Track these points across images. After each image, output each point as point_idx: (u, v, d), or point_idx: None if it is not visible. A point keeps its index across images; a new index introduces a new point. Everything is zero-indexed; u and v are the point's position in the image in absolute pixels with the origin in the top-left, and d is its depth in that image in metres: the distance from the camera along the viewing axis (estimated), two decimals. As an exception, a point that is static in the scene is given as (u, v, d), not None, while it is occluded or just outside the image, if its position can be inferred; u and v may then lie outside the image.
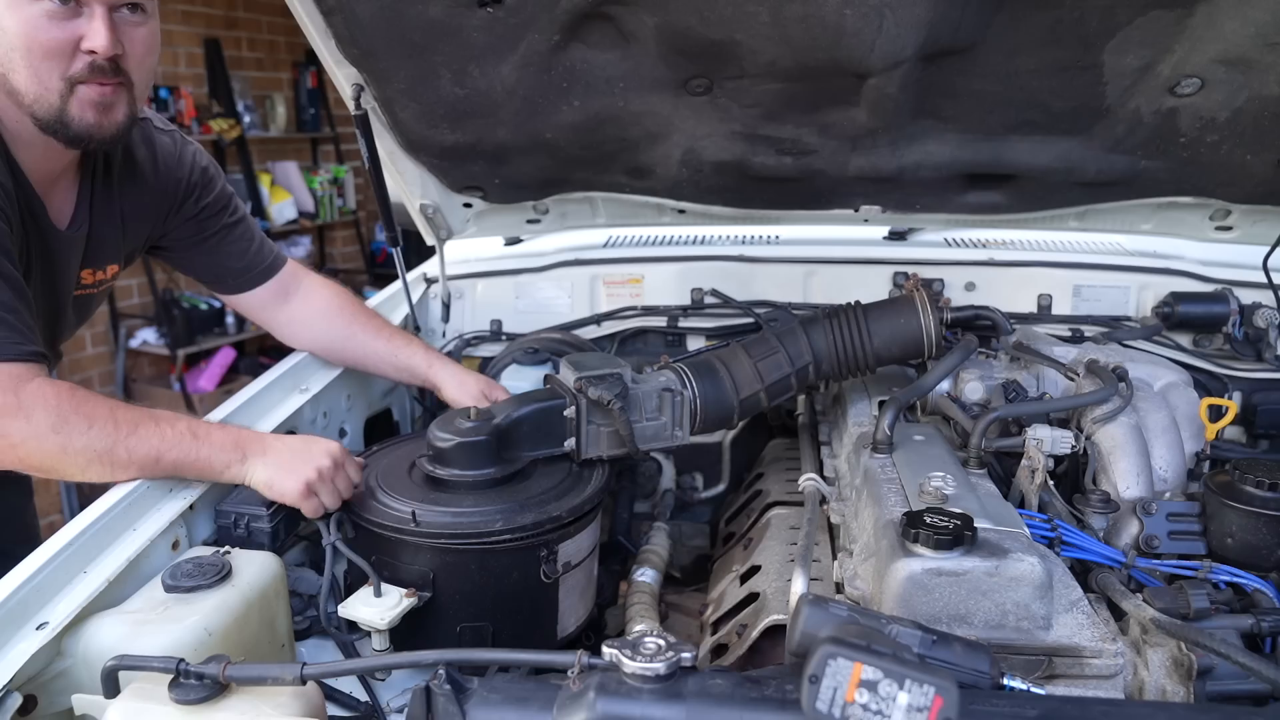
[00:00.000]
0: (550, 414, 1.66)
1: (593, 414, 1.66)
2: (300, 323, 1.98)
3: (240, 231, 1.89)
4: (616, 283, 2.40)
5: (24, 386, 1.35)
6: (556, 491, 1.60)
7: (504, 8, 1.58)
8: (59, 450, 1.36)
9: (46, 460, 1.37)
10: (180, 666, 1.00)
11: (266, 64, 6.41)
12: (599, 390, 1.62)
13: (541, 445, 1.67)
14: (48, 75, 1.42)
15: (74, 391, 1.39)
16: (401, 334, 2.03)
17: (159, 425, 1.43)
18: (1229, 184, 2.08)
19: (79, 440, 1.36)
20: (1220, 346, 2.16)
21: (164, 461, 1.43)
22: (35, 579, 1.21)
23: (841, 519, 1.56)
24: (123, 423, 1.39)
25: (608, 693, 0.87)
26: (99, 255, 1.71)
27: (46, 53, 1.40)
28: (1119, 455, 1.53)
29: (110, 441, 1.38)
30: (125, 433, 1.39)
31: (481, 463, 1.59)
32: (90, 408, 1.38)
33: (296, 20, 1.70)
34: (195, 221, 1.82)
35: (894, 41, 1.59)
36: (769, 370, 1.76)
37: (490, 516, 1.50)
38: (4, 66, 1.42)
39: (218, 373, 5.70)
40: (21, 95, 1.43)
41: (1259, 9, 1.52)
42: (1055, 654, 1.15)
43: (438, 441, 1.60)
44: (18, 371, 1.36)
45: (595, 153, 2.08)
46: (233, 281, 1.91)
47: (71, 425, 1.35)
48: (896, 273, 2.33)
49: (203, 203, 1.82)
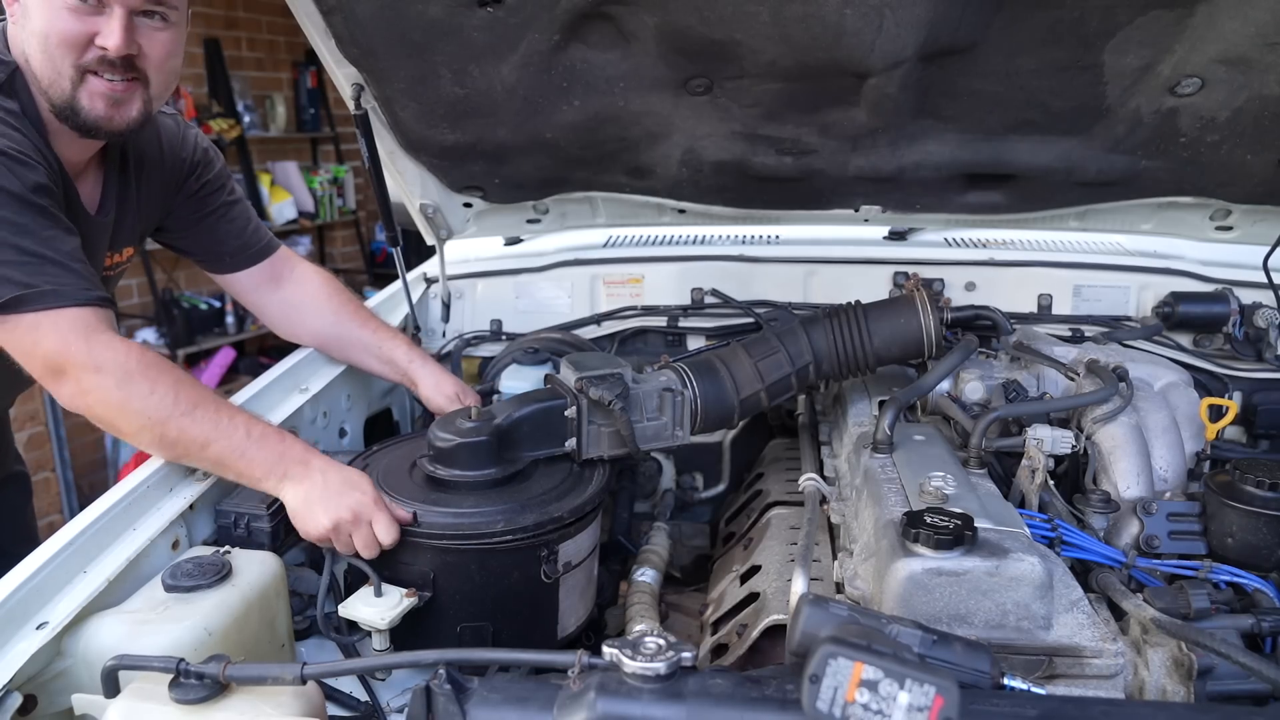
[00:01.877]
0: (551, 414, 1.66)
1: (593, 414, 1.66)
2: (292, 306, 2.00)
3: (238, 211, 1.93)
4: (616, 283, 2.40)
5: (96, 336, 1.39)
6: (557, 492, 1.60)
7: (504, 7, 1.58)
8: (120, 405, 1.40)
9: (108, 413, 1.41)
10: (180, 666, 1.00)
11: (266, 64, 6.40)
12: (600, 390, 1.62)
13: (542, 445, 1.66)
14: (61, 61, 1.49)
15: (144, 353, 1.43)
16: (387, 327, 2.05)
17: (217, 412, 1.45)
18: (1229, 184, 2.08)
19: (138, 402, 1.40)
20: (1220, 346, 2.15)
21: (209, 450, 1.44)
22: (35, 579, 1.21)
23: (841, 519, 1.56)
24: (183, 399, 1.42)
25: (608, 693, 0.87)
26: (119, 239, 1.76)
27: (62, 40, 1.47)
28: (1119, 455, 1.53)
29: (165, 413, 1.40)
30: (182, 410, 1.41)
31: (482, 463, 1.59)
32: (156, 372, 1.42)
33: (296, 20, 1.70)
34: (197, 199, 1.86)
35: (894, 41, 1.59)
36: (769, 370, 1.76)
37: (491, 517, 1.50)
38: (26, 52, 1.51)
39: (218, 373, 5.69)
40: (39, 79, 1.51)
41: (1259, 9, 1.52)
42: (1055, 654, 1.15)
43: (439, 442, 1.59)
44: (89, 319, 1.40)
45: (595, 153, 2.08)
46: (229, 260, 1.94)
47: (135, 384, 1.39)
48: (897, 273, 2.32)
49: (204, 180, 1.86)
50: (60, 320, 1.38)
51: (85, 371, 1.38)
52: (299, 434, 1.79)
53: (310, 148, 6.88)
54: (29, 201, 1.41)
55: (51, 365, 1.39)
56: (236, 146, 5.89)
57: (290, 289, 2.00)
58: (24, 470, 2.15)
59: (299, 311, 2.00)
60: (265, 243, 1.97)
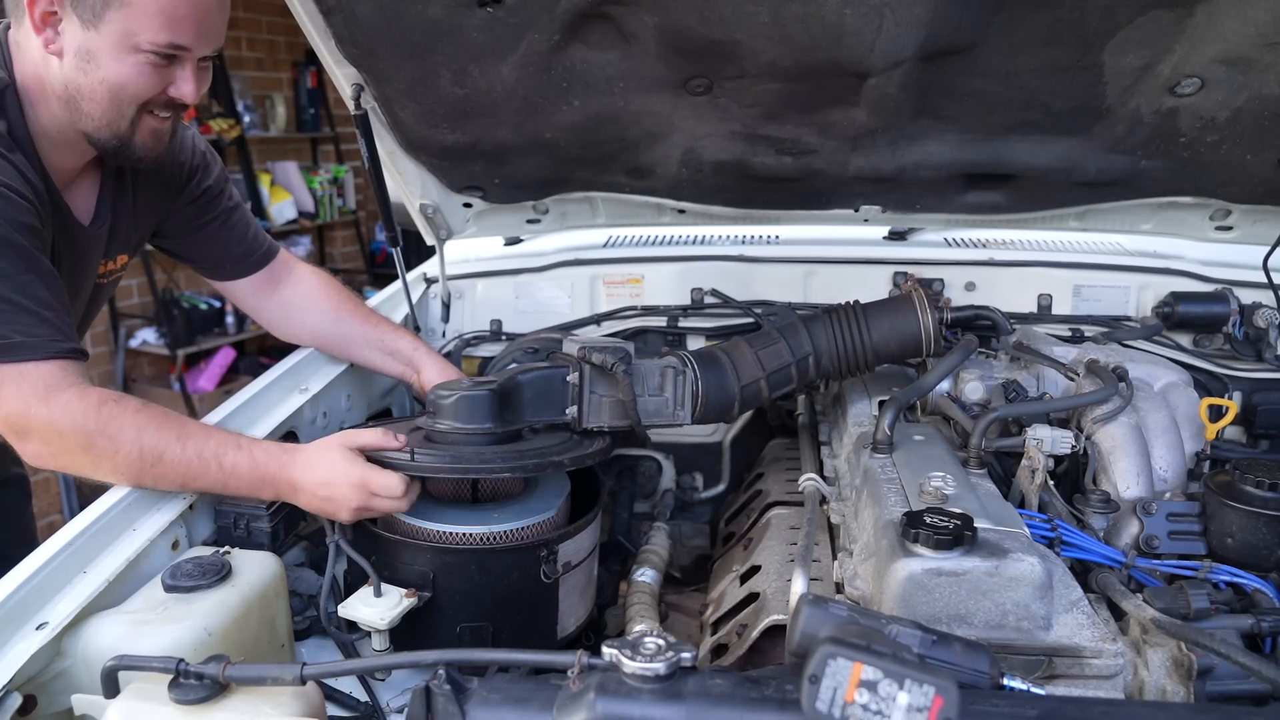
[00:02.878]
0: (553, 379, 1.66)
1: (595, 383, 1.65)
2: (291, 306, 1.99)
3: (238, 217, 1.91)
4: (616, 283, 2.40)
5: (56, 396, 1.35)
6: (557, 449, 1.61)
7: (504, 8, 1.58)
8: (90, 467, 1.39)
9: (79, 473, 1.41)
10: (180, 666, 1.00)
11: (266, 64, 6.40)
12: (603, 355, 1.62)
13: (543, 412, 1.66)
14: (128, 108, 1.49)
15: (101, 406, 1.38)
16: (387, 321, 2.05)
17: (184, 451, 1.41)
18: (1229, 184, 2.08)
19: (106, 462, 1.38)
20: (1220, 346, 2.15)
21: (190, 488, 1.45)
22: (35, 579, 1.21)
23: (841, 519, 1.56)
24: (148, 451, 1.39)
25: (608, 693, 0.86)
26: (114, 246, 1.74)
27: (139, 93, 1.48)
28: (1119, 455, 1.53)
29: (135, 469, 1.39)
30: (150, 461, 1.39)
31: (481, 418, 1.58)
32: (118, 426, 1.37)
33: (296, 20, 1.70)
34: (196, 205, 1.83)
35: (894, 41, 1.59)
36: (770, 359, 1.75)
37: (489, 458, 1.51)
38: (81, 93, 1.47)
39: (217, 373, 5.69)
40: (90, 119, 1.49)
41: (1259, 9, 1.52)
42: (1055, 654, 1.15)
43: (439, 397, 1.60)
44: (53, 376, 1.36)
45: (595, 153, 2.08)
46: (230, 268, 1.92)
47: (98, 446, 1.37)
48: (896, 273, 2.33)
49: (203, 185, 1.83)
50: (23, 379, 1.34)
51: (48, 435, 1.36)
52: (299, 434, 1.80)
53: (310, 148, 6.88)
54: (9, 242, 1.37)
55: (14, 426, 1.37)
56: (236, 146, 5.89)
57: (288, 291, 1.99)
58: (23, 472, 2.15)
59: (299, 312, 2.00)
60: (266, 248, 1.96)
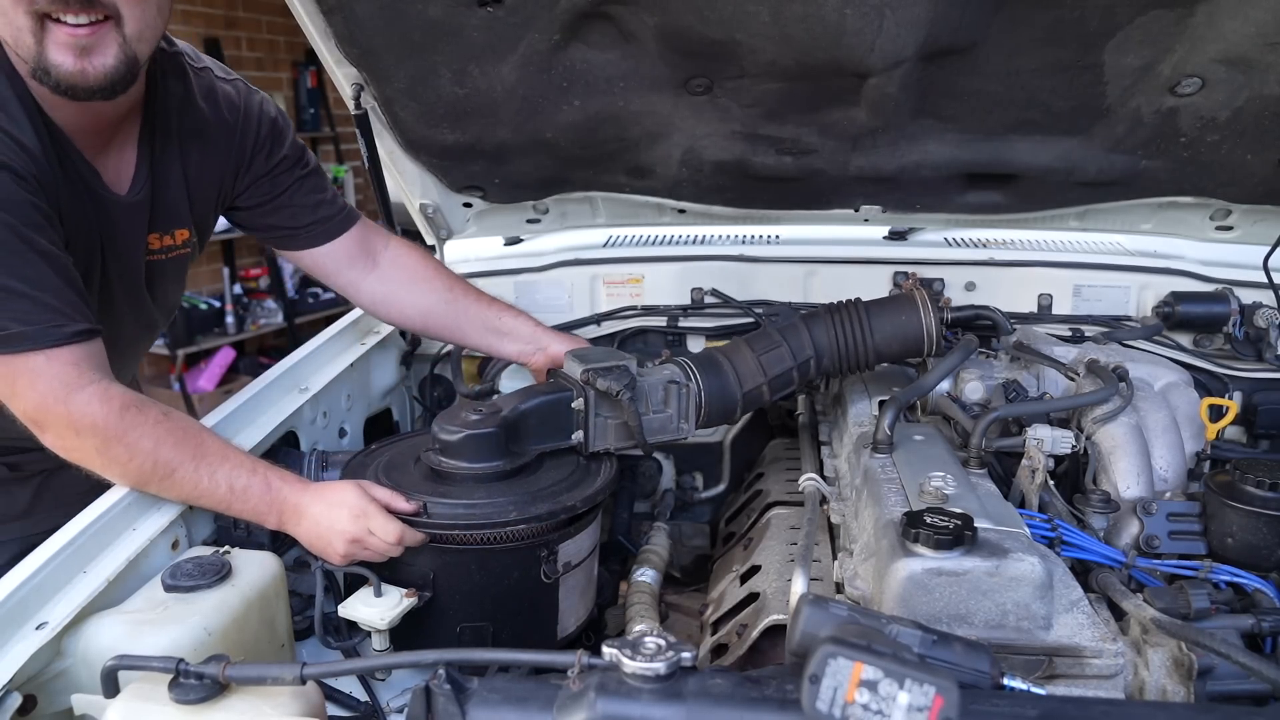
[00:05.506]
0: (558, 406, 1.65)
1: (601, 406, 1.65)
2: (394, 284, 1.88)
3: (313, 184, 1.79)
4: (616, 282, 2.40)
5: (75, 395, 1.32)
6: (567, 484, 1.60)
7: (504, 7, 1.58)
8: (101, 468, 1.38)
9: (92, 469, 1.39)
10: (180, 666, 1.00)
11: (266, 64, 6.41)
12: (608, 381, 1.61)
13: (549, 438, 1.65)
14: (13, 11, 1.27)
15: (124, 414, 1.34)
16: (500, 300, 1.97)
17: (196, 471, 1.39)
18: (1229, 184, 2.08)
19: (116, 468, 1.38)
20: (1221, 346, 2.15)
21: (195, 504, 1.45)
22: (35, 579, 1.21)
23: (841, 519, 1.56)
24: (160, 464, 1.37)
25: (608, 693, 0.86)
26: (164, 219, 1.61)
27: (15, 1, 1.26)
28: (1119, 455, 1.53)
29: (144, 478, 1.39)
30: (161, 475, 1.38)
31: (489, 455, 1.57)
32: (136, 434, 1.35)
33: (296, 20, 1.70)
34: (268, 179, 1.72)
35: (894, 41, 1.59)
36: (771, 363, 1.75)
37: (502, 507, 1.50)
38: None
39: (217, 373, 5.70)
40: (7, 43, 1.32)
41: (1259, 9, 1.52)
42: (1055, 654, 1.15)
43: (444, 435, 1.58)
44: (68, 371, 1.31)
45: (595, 153, 2.08)
46: (305, 236, 1.79)
47: (113, 450, 1.35)
48: (896, 272, 2.32)
49: (274, 159, 1.72)
50: (37, 376, 1.30)
51: (66, 431, 1.34)
52: (299, 434, 1.80)
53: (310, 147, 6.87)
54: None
55: (32, 418, 1.34)
56: (236, 146, 5.90)
57: (389, 267, 1.88)
58: None
59: (404, 290, 1.88)
60: (345, 213, 1.81)
